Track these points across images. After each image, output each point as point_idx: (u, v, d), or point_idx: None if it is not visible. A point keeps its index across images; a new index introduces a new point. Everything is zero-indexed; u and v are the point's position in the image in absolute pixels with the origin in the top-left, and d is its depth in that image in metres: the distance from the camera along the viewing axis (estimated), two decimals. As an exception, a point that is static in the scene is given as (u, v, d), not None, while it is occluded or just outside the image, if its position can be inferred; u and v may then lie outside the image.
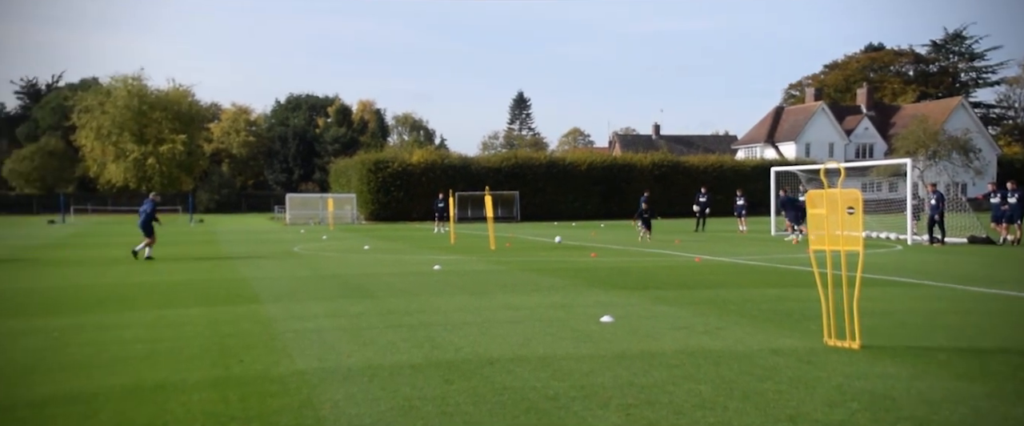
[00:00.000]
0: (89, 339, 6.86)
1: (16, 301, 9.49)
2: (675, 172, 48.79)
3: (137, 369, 5.68)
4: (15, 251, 19.04)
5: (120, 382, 5.27)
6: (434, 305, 8.99)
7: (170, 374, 5.51)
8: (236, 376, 5.47)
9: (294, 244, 21.82)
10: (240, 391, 5.03)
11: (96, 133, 64.30)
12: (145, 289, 10.74)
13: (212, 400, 4.81)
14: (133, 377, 5.42)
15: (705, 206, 27.96)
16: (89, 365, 5.81)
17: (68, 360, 6.00)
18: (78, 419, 4.40)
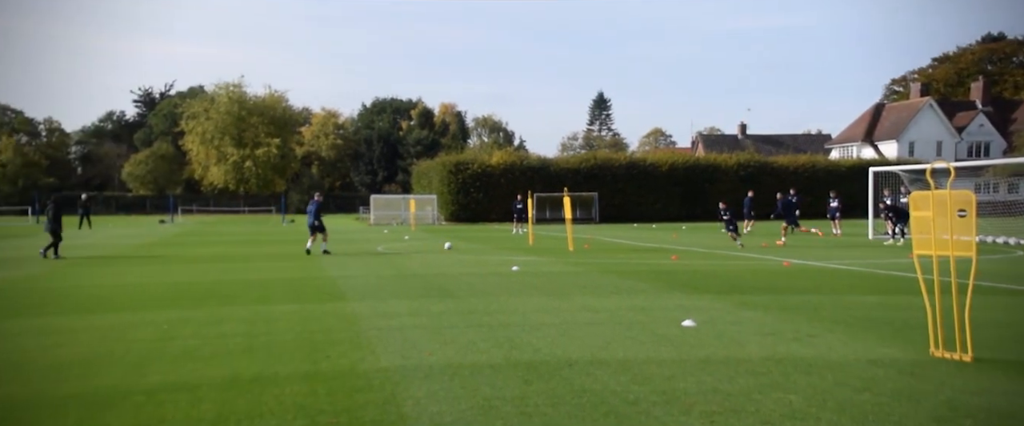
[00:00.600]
0: (193, 332, 7.33)
1: (131, 295, 10.27)
2: (762, 173, 46.96)
3: (235, 362, 6.02)
4: (135, 249, 20.62)
5: (221, 373, 5.60)
6: (513, 306, 9.04)
7: (265, 367, 5.81)
8: (324, 371, 5.70)
9: (378, 244, 22.53)
10: (328, 385, 5.24)
11: (201, 138, 68.76)
12: (242, 286, 11.37)
13: (302, 393, 5.03)
14: (232, 369, 5.75)
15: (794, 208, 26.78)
16: (193, 357, 6.21)
17: (176, 351, 6.43)
18: (185, 407, 4.71)
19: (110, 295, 10.13)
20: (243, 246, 21.67)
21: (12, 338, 6.92)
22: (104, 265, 14.96)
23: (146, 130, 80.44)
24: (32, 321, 7.89)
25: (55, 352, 6.29)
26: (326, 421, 4.44)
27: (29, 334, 7.11)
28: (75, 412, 4.56)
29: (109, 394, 4.98)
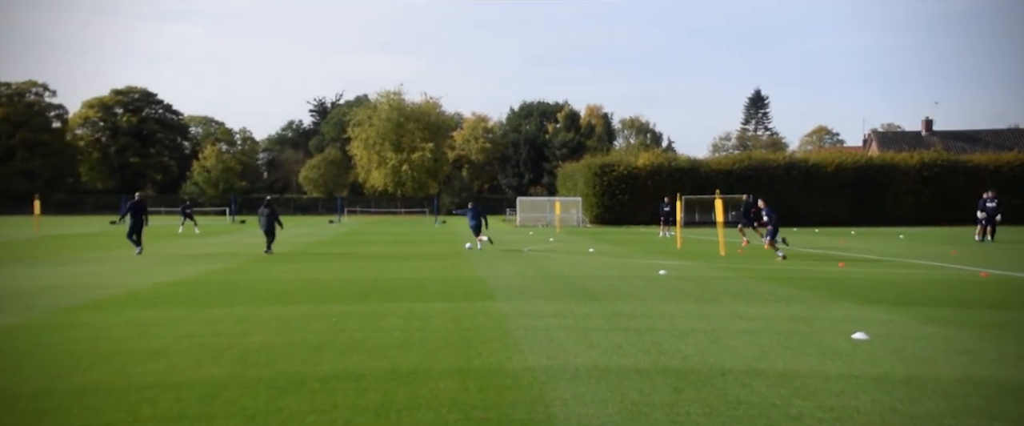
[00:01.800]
0: (358, 325, 7.92)
1: (307, 289, 11.31)
2: (951, 173, 41.91)
3: (395, 355, 6.41)
4: (309, 247, 22.73)
5: (382, 365, 6.00)
6: (660, 310, 8.80)
7: (421, 362, 6.13)
8: (475, 368, 5.90)
9: (524, 245, 22.96)
10: (479, 382, 5.42)
11: (364, 143, 74.26)
12: (400, 283, 12.10)
13: (456, 389, 5.24)
14: (392, 362, 6.13)
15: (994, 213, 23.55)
16: (359, 348, 6.70)
17: (344, 343, 6.98)
18: (352, 395, 5.10)
19: (289, 289, 11.22)
20: (400, 245, 23.06)
21: (212, 324, 7.89)
22: (284, 261, 16.61)
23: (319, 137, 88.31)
24: (228, 310, 8.94)
25: (245, 339, 7.08)
26: (478, 417, 4.59)
27: (225, 322, 8.07)
28: (264, 394, 5.10)
29: (289, 380, 5.51)
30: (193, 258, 17.00)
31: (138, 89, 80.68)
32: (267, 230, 18.57)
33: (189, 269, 14.26)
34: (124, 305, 9.22)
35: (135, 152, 78.15)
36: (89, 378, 5.43)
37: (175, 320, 8.09)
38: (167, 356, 6.24)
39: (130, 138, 77.93)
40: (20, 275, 12.93)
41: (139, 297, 10.05)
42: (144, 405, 4.75)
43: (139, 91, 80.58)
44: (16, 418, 4.41)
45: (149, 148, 79.48)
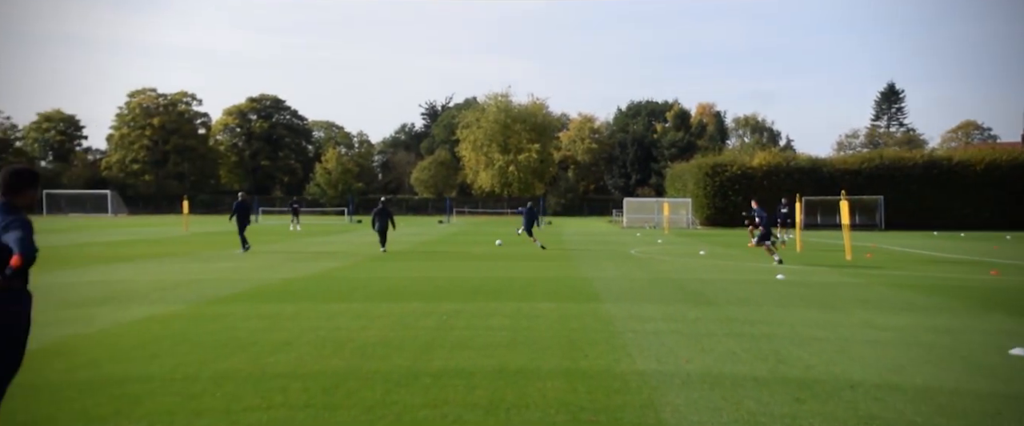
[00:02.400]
0: (467, 323, 8.10)
1: (418, 287, 11.72)
2: None
3: (502, 354, 6.50)
4: (420, 246, 23.58)
5: (490, 364, 6.10)
6: (778, 316, 8.35)
7: (528, 361, 6.17)
8: (583, 369, 5.86)
9: (631, 247, 22.57)
10: (587, 384, 5.37)
11: (472, 145, 76.02)
12: (506, 283, 12.26)
13: (564, 389, 5.23)
14: (500, 360, 6.22)
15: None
16: (468, 346, 6.86)
17: (453, 340, 7.17)
18: (462, 391, 5.22)
19: (401, 286, 11.68)
20: (507, 246, 23.38)
21: (333, 318, 8.35)
22: (397, 260, 17.32)
23: (429, 139, 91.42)
24: (347, 306, 9.44)
25: (363, 333, 7.44)
26: (587, 419, 4.55)
27: (344, 316, 8.52)
28: (380, 386, 5.33)
29: (403, 374, 5.72)
30: (315, 256, 18.09)
31: (269, 96, 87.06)
32: (380, 230, 19.45)
33: (312, 266, 15.19)
34: (257, 299, 9.97)
35: (266, 155, 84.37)
36: (229, 366, 5.90)
37: (300, 314, 8.64)
38: (294, 348, 6.67)
39: (262, 142, 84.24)
40: (174, 269, 14.31)
41: (269, 292, 10.82)
42: (276, 393, 5.10)
43: (270, 98, 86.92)
44: (171, 400, 4.88)
45: (278, 152, 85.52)
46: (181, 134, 77.89)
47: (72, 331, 7.22)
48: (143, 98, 77.76)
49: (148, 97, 78.02)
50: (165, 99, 79.07)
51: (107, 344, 6.69)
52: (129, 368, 5.73)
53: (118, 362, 5.95)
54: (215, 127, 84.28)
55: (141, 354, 6.26)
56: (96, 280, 11.85)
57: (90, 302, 9.27)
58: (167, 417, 4.48)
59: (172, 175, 77.49)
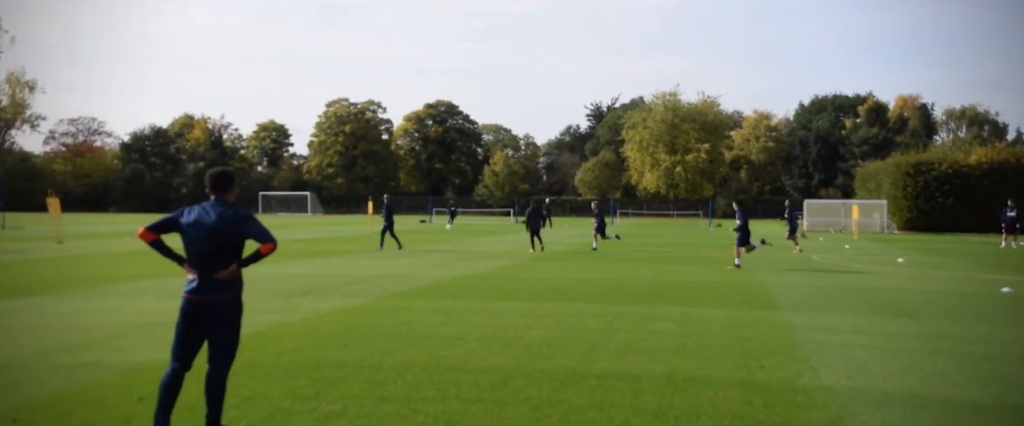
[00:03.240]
0: (632, 327, 7.97)
1: (581, 288, 11.76)
2: None
3: (670, 359, 6.30)
4: (582, 247, 23.68)
5: (658, 369, 5.94)
6: (1005, 335, 7.24)
7: (698, 369, 5.93)
8: (759, 380, 5.50)
9: (812, 252, 20.83)
10: (764, 396, 5.04)
11: (638, 146, 74.77)
12: (673, 287, 11.89)
13: (738, 400, 4.95)
14: (668, 366, 6.04)
15: None
16: (633, 350, 6.74)
17: (618, 343, 7.09)
18: (629, 396, 5.15)
19: (565, 287, 11.78)
20: (672, 249, 22.68)
21: (500, 316, 8.64)
22: (560, 260, 17.51)
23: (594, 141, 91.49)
24: (513, 304, 9.72)
25: (529, 332, 7.61)
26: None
27: (511, 314, 8.78)
28: (546, 385, 5.42)
29: (568, 374, 5.76)
30: (483, 255, 18.85)
31: (444, 102, 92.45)
32: (534, 230, 19.93)
33: (480, 265, 15.85)
34: (432, 295, 10.60)
35: (440, 159, 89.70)
36: (408, 357, 6.34)
37: (470, 310, 9.05)
38: (465, 343, 7.00)
39: (436, 146, 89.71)
40: (360, 265, 15.70)
41: (442, 288, 11.46)
42: (449, 385, 5.38)
43: (445, 104, 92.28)
44: (360, 386, 5.34)
45: (451, 155, 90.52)
46: (367, 139, 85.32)
47: (280, 319, 8.17)
48: (337, 107, 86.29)
49: (341, 106, 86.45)
50: (355, 107, 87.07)
51: (307, 332, 7.48)
52: (325, 354, 6.36)
53: (316, 348, 6.63)
54: (396, 132, 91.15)
55: (335, 342, 6.93)
56: (298, 274, 13.32)
57: (294, 293, 10.44)
58: (357, 401, 4.91)
59: (359, 177, 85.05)
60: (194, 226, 4.06)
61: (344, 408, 4.73)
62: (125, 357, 6.07)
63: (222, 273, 4.04)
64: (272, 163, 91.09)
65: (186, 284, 4.09)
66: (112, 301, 9.31)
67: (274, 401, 4.84)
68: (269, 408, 4.68)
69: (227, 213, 4.10)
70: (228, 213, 4.10)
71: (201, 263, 4.05)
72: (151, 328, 7.36)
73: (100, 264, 14.70)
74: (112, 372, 5.55)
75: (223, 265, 4.06)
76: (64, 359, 5.97)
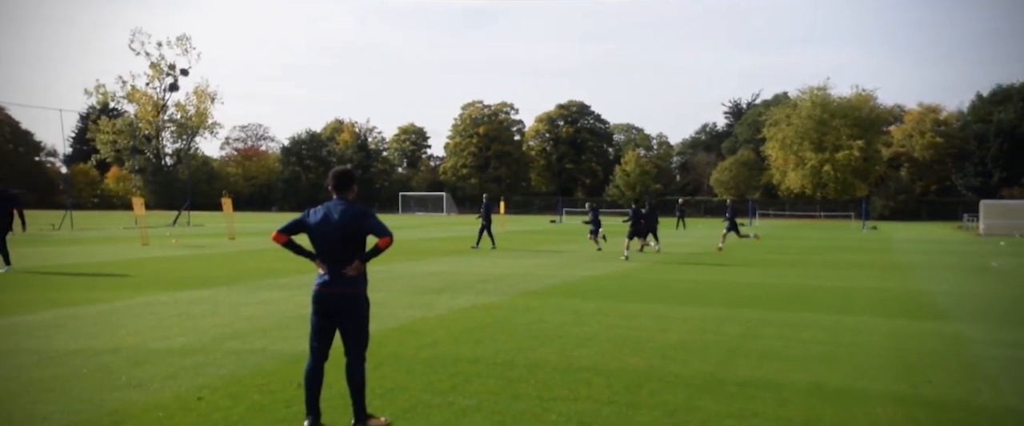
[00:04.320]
0: (775, 333, 7.51)
1: (717, 292, 11.25)
2: None
3: (818, 369, 5.86)
4: (709, 248, 22.70)
5: (804, 378, 5.55)
6: None
7: (851, 380, 5.47)
8: (925, 397, 4.98)
9: (991, 258, 18.51)
10: (932, 415, 4.55)
11: (780, 143, 70.41)
12: (821, 293, 11.05)
13: (899, 417, 4.51)
14: (815, 376, 5.62)
15: None
16: (777, 357, 6.35)
17: (760, 349, 6.71)
18: (773, 405, 4.85)
19: (701, 290, 11.34)
20: (819, 253, 21.12)
21: (632, 318, 8.49)
22: (694, 262, 16.88)
23: (732, 139, 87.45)
24: (645, 306, 9.51)
25: (662, 335, 7.41)
26: (930, 458, 3.85)
27: (643, 317, 8.59)
28: (682, 391, 5.24)
29: (706, 380, 5.54)
30: (614, 255, 18.61)
31: (576, 102, 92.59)
32: (647, 231, 19.67)
33: (611, 266, 15.66)
34: (562, 294, 10.63)
35: (570, 159, 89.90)
36: (539, 355, 6.40)
37: (601, 311, 8.96)
38: (597, 343, 6.94)
39: (567, 146, 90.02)
40: (492, 263, 16.11)
41: (573, 288, 11.46)
42: (581, 385, 5.36)
43: (576, 104, 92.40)
44: (494, 383, 5.48)
45: (581, 155, 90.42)
46: (500, 141, 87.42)
47: (419, 314, 8.57)
48: (472, 110, 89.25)
49: (476, 108, 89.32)
50: (489, 109, 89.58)
51: (444, 327, 7.79)
52: (461, 350, 6.58)
53: (452, 344, 6.88)
54: (528, 133, 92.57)
55: (469, 338, 7.15)
56: (434, 271, 13.91)
57: (430, 290, 10.91)
58: (492, 397, 5.02)
59: (492, 178, 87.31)
60: (321, 224, 4.31)
61: (479, 403, 4.86)
62: (286, 346, 6.64)
63: (349, 269, 4.28)
64: (411, 164, 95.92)
65: (317, 278, 4.37)
66: (274, 294, 10.24)
67: (415, 393, 5.08)
68: (410, 400, 4.92)
69: (349, 210, 4.34)
70: (350, 210, 4.34)
71: (330, 258, 4.30)
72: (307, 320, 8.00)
73: (264, 259, 16.23)
74: (275, 359, 6.10)
75: (349, 259, 4.29)
76: (235, 345, 6.64)
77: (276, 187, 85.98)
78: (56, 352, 6.15)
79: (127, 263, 14.85)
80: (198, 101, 66.02)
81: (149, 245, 20.30)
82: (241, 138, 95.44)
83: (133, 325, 7.50)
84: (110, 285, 11.00)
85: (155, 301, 9.25)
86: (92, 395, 4.85)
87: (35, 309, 8.41)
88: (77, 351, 6.21)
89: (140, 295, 9.77)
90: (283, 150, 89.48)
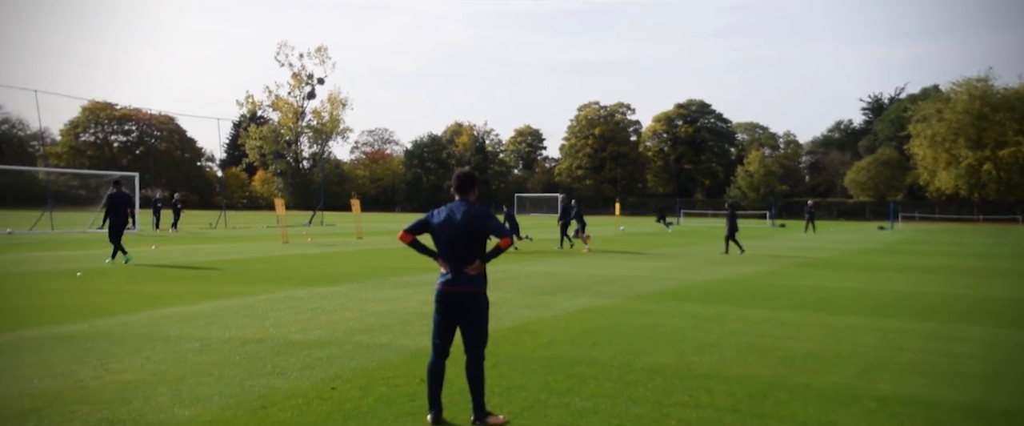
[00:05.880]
0: (921, 346, 6.88)
1: (853, 299, 10.45)
2: None
3: (976, 388, 5.34)
4: (854, 254, 21.09)
5: (958, 397, 5.06)
6: None
7: (1019, 401, 4.91)
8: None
9: None
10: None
11: (929, 141, 64.25)
12: (978, 303, 10.00)
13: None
14: (973, 396, 5.11)
15: None
16: (925, 372, 5.82)
17: (904, 363, 6.17)
18: (922, 424, 4.46)
19: (834, 297, 10.59)
20: (974, 259, 19.07)
21: (756, 324, 8.09)
22: (826, 267, 15.80)
23: (870, 136, 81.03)
24: (771, 312, 9.03)
25: (790, 343, 7.01)
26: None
27: (769, 323, 8.16)
28: (813, 403, 4.93)
29: (840, 393, 5.18)
30: (735, 259, 17.82)
31: (696, 101, 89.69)
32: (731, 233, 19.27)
33: (733, 269, 15.01)
34: (680, 298, 10.33)
35: (689, 159, 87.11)
36: (657, 360, 6.27)
37: (723, 316, 8.62)
38: (718, 349, 6.69)
39: (686, 147, 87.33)
40: (607, 265, 15.97)
41: (691, 292, 11.10)
42: (702, 392, 5.20)
43: (697, 103, 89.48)
44: (610, 386, 5.42)
45: (701, 155, 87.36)
46: (616, 142, 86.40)
47: (535, 315, 8.66)
48: (588, 111, 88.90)
49: (592, 109, 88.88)
50: (605, 110, 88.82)
51: (560, 328, 7.82)
52: (576, 351, 6.59)
53: (568, 345, 6.89)
54: (645, 134, 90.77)
55: (584, 340, 7.13)
56: (548, 272, 13.99)
57: (545, 291, 10.99)
58: (609, 400, 4.99)
59: (607, 179, 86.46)
60: (444, 225, 4.45)
61: (596, 406, 4.84)
62: (410, 341, 6.95)
63: (470, 268, 4.39)
64: (527, 166, 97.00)
65: (440, 277, 4.51)
66: (398, 291, 10.75)
67: (532, 393, 5.14)
68: (528, 399, 4.99)
69: (471, 211, 4.45)
70: (472, 211, 4.45)
71: (452, 258, 4.43)
72: (429, 317, 8.33)
73: (388, 258, 17.08)
74: (400, 354, 6.40)
75: (471, 258, 4.41)
76: (364, 339, 7.04)
77: (399, 188, 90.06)
78: (213, 340, 6.82)
79: (270, 260, 16.17)
80: (332, 108, 70.59)
81: (288, 243, 21.97)
82: (368, 142, 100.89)
83: (275, 317, 8.15)
84: (256, 279, 12.03)
85: (293, 295, 10.00)
86: (243, 380, 5.34)
87: (196, 300, 9.37)
88: (229, 339, 6.85)
89: (281, 290, 10.61)
90: (406, 153, 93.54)
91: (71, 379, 5.27)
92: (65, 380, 5.24)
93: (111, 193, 15.00)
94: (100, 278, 11.78)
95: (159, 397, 4.84)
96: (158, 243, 20.89)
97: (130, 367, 5.64)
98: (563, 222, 21.95)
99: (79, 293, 9.88)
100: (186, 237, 24.69)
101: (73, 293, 9.87)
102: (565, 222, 21.92)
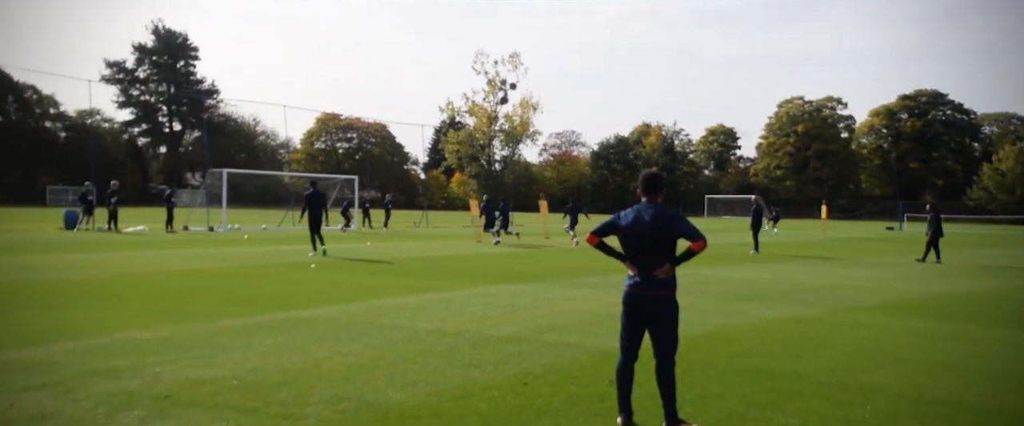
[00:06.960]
0: None
1: None
2: None
3: None
4: None
5: None
6: None
7: None
8: None
9: None
10: None
11: None
12: None
13: None
14: None
15: None
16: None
17: None
18: None
19: None
20: None
21: (1007, 347, 6.85)
22: None
23: None
24: None
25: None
26: None
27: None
28: None
29: None
30: (980, 270, 15.30)
31: (926, 91, 79.04)
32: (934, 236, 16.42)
33: (977, 282, 12.91)
34: (903, 312, 9.09)
35: (915, 157, 76.84)
36: (876, 379, 5.55)
37: (963, 336, 7.42)
38: (957, 373, 5.76)
39: (911, 143, 77.15)
40: (813, 272, 14.60)
41: (917, 305, 9.73)
42: (937, 420, 4.49)
43: (927, 94, 78.82)
44: (820, 403, 4.91)
45: (931, 152, 76.62)
46: (822, 139, 79.02)
47: (730, 322, 8.15)
48: (790, 107, 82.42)
49: (795, 106, 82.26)
50: (810, 106, 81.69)
51: (757, 337, 7.27)
52: (776, 363, 6.07)
53: (767, 356, 6.38)
54: (859, 130, 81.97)
55: (787, 352, 6.55)
56: (743, 278, 13.12)
57: (739, 297, 10.30)
58: (818, 419, 4.51)
59: (811, 180, 79.36)
60: (632, 227, 4.32)
61: (803, 423, 4.41)
62: (598, 342, 6.91)
63: (659, 271, 4.24)
64: (718, 166, 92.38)
65: (627, 279, 4.38)
66: (585, 291, 10.77)
67: (728, 404, 4.83)
68: (724, 409, 4.69)
69: (660, 213, 4.29)
70: (661, 213, 4.29)
71: (640, 260, 4.30)
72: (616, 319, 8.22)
73: (574, 258, 17.23)
74: (589, 354, 6.38)
75: (660, 261, 4.25)
76: (553, 337, 7.13)
77: (586, 189, 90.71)
78: (418, 331, 7.35)
79: (466, 258, 17.14)
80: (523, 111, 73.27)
81: (481, 242, 23.14)
82: (556, 144, 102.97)
83: (471, 312, 8.58)
84: (453, 275, 12.80)
85: (487, 292, 10.47)
86: (444, 370, 5.68)
87: (404, 294, 10.19)
88: (432, 331, 7.34)
89: (476, 286, 11.17)
90: (592, 154, 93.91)
91: (310, 357, 5.98)
92: (305, 358, 5.97)
93: (308, 193, 16.95)
94: (329, 270, 13.31)
95: (376, 380, 5.30)
96: (373, 240, 23.16)
97: (353, 351, 6.27)
98: (755, 227, 20.52)
99: (312, 283, 11.24)
100: (395, 235, 27.09)
101: (307, 283, 11.26)
102: (757, 226, 20.52)
